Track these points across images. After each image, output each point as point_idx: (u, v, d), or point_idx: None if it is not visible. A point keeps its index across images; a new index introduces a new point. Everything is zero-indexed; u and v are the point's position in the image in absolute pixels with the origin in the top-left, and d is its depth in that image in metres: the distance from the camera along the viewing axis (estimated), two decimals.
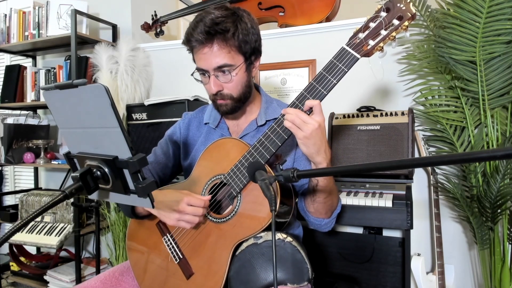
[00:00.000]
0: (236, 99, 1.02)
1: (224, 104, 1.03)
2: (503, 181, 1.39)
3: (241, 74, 1.00)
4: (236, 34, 0.95)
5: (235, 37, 0.95)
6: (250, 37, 0.98)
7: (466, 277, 1.73)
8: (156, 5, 2.58)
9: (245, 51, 0.98)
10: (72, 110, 0.66)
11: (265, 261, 0.90)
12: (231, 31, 0.94)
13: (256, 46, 1.02)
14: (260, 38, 1.04)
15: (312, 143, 0.88)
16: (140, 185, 0.61)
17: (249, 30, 0.98)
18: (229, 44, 0.95)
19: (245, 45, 0.97)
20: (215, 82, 0.99)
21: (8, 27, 2.48)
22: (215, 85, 0.99)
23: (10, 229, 0.55)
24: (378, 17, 0.88)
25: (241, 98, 1.03)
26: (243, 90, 1.02)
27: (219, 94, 1.01)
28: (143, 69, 2.26)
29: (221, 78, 0.99)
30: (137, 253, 1.10)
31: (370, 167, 0.68)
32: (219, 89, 1.00)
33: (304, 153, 0.91)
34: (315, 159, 0.91)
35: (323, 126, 0.89)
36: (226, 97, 1.01)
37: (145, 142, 2.00)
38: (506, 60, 1.44)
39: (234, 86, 1.00)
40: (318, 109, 0.88)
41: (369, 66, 0.96)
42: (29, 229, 2.22)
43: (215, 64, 0.96)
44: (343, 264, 1.69)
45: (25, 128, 2.44)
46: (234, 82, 0.99)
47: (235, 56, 0.97)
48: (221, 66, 0.96)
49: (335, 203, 1.04)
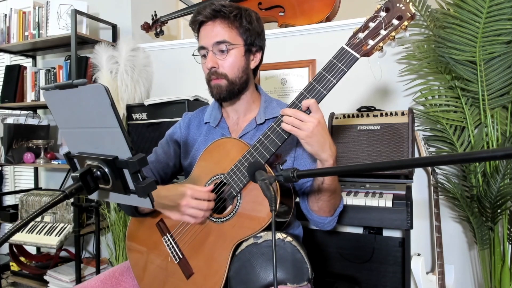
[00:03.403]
0: (230, 80, 1.03)
1: (218, 84, 1.04)
2: (503, 181, 1.39)
3: (239, 56, 1.03)
4: (239, 18, 1.01)
5: (238, 21, 1.01)
6: (253, 27, 1.04)
7: (466, 277, 1.73)
8: (156, 5, 2.58)
9: (245, 37, 1.03)
10: (72, 110, 0.66)
11: (265, 261, 0.90)
12: (235, 13, 1.01)
13: (258, 40, 1.06)
14: (263, 36, 1.08)
15: (315, 141, 0.88)
16: (140, 185, 0.61)
17: (253, 22, 1.04)
18: (230, 23, 1.01)
19: (246, 31, 1.03)
20: (211, 57, 1.02)
21: (8, 27, 2.48)
22: (211, 61, 1.02)
23: (10, 229, 0.55)
24: (377, 17, 0.88)
25: (236, 81, 1.04)
26: (238, 74, 1.04)
27: (214, 72, 1.03)
28: (143, 69, 2.26)
29: (218, 56, 1.03)
30: (137, 253, 1.10)
31: (370, 167, 0.68)
32: (214, 65, 1.02)
33: (310, 152, 0.91)
34: (321, 156, 0.90)
35: (323, 122, 0.89)
36: (220, 76, 1.03)
37: (145, 142, 2.00)
38: (506, 60, 1.44)
39: (230, 66, 1.02)
40: (315, 107, 0.88)
41: (369, 66, 0.96)
42: (29, 229, 2.22)
43: (214, 39, 1.01)
44: (343, 264, 1.69)
45: (25, 128, 2.44)
46: (230, 62, 1.02)
47: (235, 36, 1.02)
48: (219, 42, 1.01)
49: (338, 201, 1.04)
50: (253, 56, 1.07)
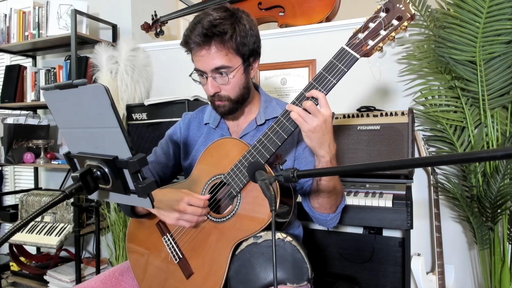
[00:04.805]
0: (233, 100, 1.03)
1: (222, 105, 1.03)
2: (503, 181, 1.39)
3: (239, 76, 1.00)
4: (234, 36, 0.95)
5: (233, 39, 0.95)
6: (249, 39, 0.98)
7: (466, 277, 1.73)
8: (156, 5, 2.58)
9: (243, 53, 0.98)
10: (72, 110, 0.66)
11: (265, 261, 0.90)
12: (229, 33, 0.94)
13: (255, 48, 1.02)
14: (259, 39, 1.03)
15: (316, 137, 0.88)
16: (140, 185, 0.61)
17: (248, 32, 0.98)
18: (226, 46, 0.95)
19: (243, 47, 0.97)
20: (212, 83, 0.99)
21: (8, 27, 2.48)
22: (213, 87, 1.00)
23: (10, 229, 0.55)
24: (377, 17, 0.88)
25: (239, 99, 1.04)
26: (240, 92, 1.03)
27: (217, 96, 1.02)
28: (143, 69, 2.26)
29: (219, 80, 0.99)
30: (136, 253, 1.10)
31: (370, 167, 0.68)
32: (217, 91, 1.01)
33: (308, 145, 0.92)
34: (318, 152, 0.91)
35: (329, 120, 0.88)
36: (223, 99, 1.02)
37: (145, 142, 2.00)
38: (506, 60, 1.44)
39: (232, 88, 1.01)
40: (323, 102, 0.87)
41: (368, 66, 0.96)
42: (29, 229, 2.22)
43: (212, 66, 0.97)
44: (343, 264, 1.69)
45: (25, 128, 2.45)
46: (232, 84, 1.00)
47: (233, 58, 0.97)
48: (218, 68, 0.97)
49: (340, 198, 1.04)
50: (251, 66, 1.05)
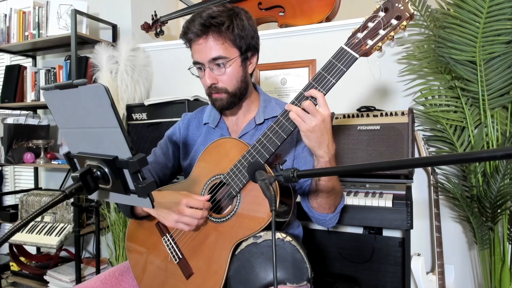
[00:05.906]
0: (231, 93, 1.03)
1: (219, 98, 1.03)
2: (503, 181, 1.39)
3: (236, 68, 1.01)
4: (231, 28, 0.97)
5: (230, 30, 0.97)
6: (246, 33, 1.00)
7: (466, 277, 1.73)
8: (156, 5, 2.58)
9: (240, 45, 1.00)
10: (72, 110, 0.66)
11: (265, 261, 0.90)
12: (226, 24, 0.96)
13: (253, 43, 1.03)
14: (257, 36, 1.05)
15: (314, 137, 0.88)
16: (140, 185, 0.61)
17: (245, 26, 1.00)
18: (223, 36, 0.97)
19: (240, 39, 0.99)
20: (209, 74, 1.00)
21: (8, 27, 2.48)
22: (210, 77, 1.00)
23: (10, 229, 0.55)
24: (376, 17, 0.88)
25: (236, 92, 1.04)
26: (238, 85, 1.03)
27: (214, 88, 1.02)
28: (143, 69, 2.26)
29: (216, 71, 1.00)
30: (136, 253, 1.10)
31: (370, 167, 0.68)
32: (214, 82, 1.01)
33: (306, 145, 0.92)
34: (317, 152, 0.91)
35: (327, 120, 0.88)
36: (221, 91, 1.02)
37: (145, 142, 2.00)
38: (506, 60, 1.44)
39: (229, 80, 1.01)
40: (322, 102, 0.88)
41: (368, 66, 0.96)
42: (29, 229, 2.22)
43: (209, 56, 0.98)
44: (343, 264, 1.69)
45: (25, 128, 2.45)
46: (228, 75, 1.00)
47: (230, 49, 0.99)
48: (215, 58, 0.98)
49: (339, 198, 1.04)
50: (249, 61, 1.06)
